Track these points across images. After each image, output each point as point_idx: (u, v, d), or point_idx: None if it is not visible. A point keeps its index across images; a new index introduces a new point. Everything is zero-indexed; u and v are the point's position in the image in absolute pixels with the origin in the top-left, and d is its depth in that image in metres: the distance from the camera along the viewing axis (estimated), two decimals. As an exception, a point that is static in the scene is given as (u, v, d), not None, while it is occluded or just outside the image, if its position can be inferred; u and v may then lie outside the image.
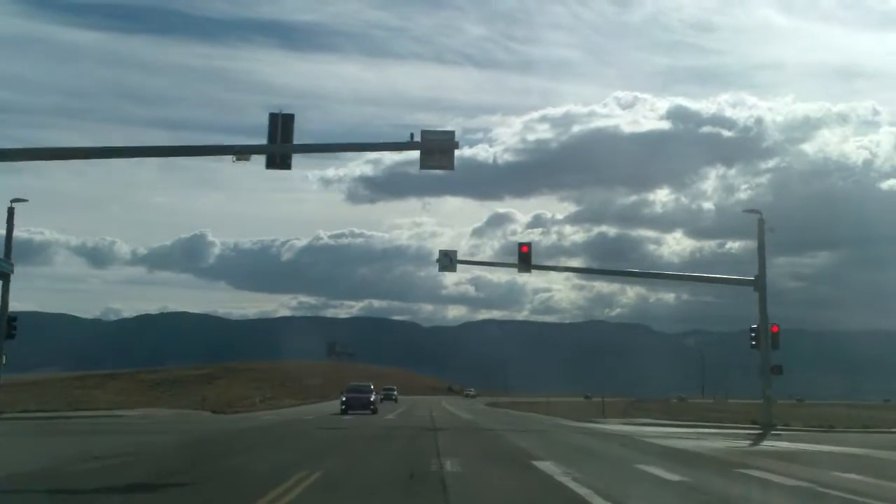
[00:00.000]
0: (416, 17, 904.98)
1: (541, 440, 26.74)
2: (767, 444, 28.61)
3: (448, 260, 42.89)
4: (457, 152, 23.45)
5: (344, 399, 48.57)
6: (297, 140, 23.13)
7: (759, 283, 41.78)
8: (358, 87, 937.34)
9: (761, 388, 41.29)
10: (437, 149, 22.92)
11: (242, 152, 23.02)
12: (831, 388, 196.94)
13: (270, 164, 22.81)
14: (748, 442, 30.05)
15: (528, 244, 42.34)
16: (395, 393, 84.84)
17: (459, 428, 34.23)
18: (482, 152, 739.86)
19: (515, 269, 42.21)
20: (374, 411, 48.21)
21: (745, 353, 43.52)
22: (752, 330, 41.78)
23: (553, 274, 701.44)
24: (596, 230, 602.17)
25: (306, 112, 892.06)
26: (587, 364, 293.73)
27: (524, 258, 41.80)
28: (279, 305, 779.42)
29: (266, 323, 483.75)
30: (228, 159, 22.98)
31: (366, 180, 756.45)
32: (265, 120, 22.61)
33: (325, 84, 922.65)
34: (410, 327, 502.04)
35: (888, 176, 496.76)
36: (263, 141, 22.97)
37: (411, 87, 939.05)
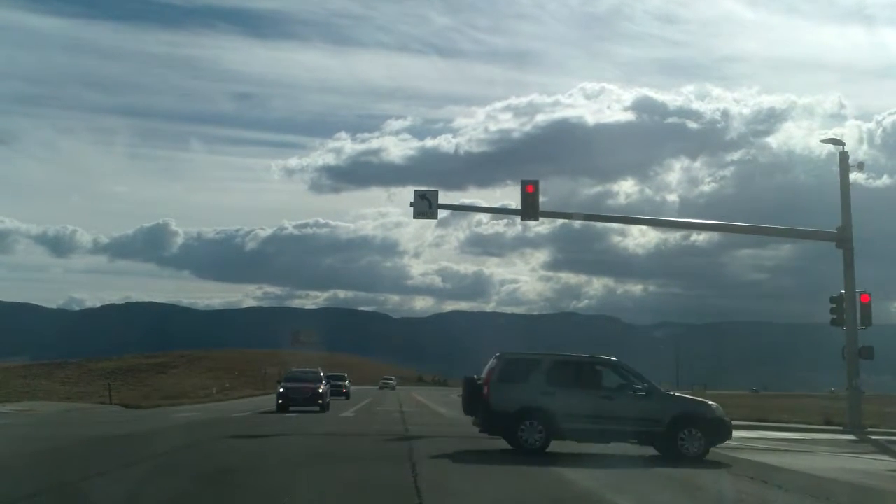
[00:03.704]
0: (381, 5, 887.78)
1: (601, 469, 15.52)
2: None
3: (426, 204, 31.37)
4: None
5: (280, 391, 35.55)
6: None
7: (844, 237, 31.30)
8: (322, 75, 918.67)
9: (847, 377, 30.73)
10: None
11: None
12: (796, 379, 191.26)
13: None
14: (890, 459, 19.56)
15: (535, 182, 31.43)
16: (347, 383, 61.06)
17: (445, 435, 22.74)
18: (445, 143, 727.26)
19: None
20: (324, 407, 35.37)
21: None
22: (833, 300, 31.17)
23: (520, 265, 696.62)
24: (560, 221, 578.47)
25: (271, 100, 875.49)
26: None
27: (529, 201, 30.83)
28: (244, 295, 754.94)
29: (232, 313, 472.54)
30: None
31: (329, 169, 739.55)
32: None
33: (289, 72, 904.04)
34: (380, 318, 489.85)
35: (851, 169, 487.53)
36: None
37: (376, 76, 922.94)
